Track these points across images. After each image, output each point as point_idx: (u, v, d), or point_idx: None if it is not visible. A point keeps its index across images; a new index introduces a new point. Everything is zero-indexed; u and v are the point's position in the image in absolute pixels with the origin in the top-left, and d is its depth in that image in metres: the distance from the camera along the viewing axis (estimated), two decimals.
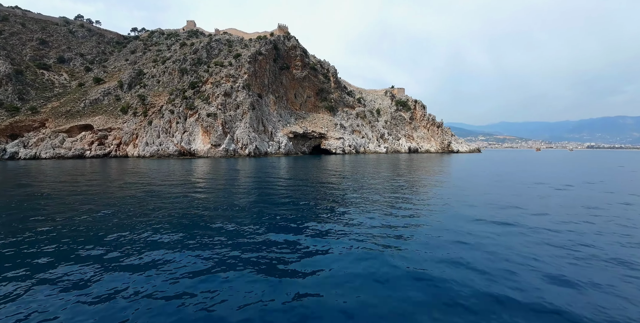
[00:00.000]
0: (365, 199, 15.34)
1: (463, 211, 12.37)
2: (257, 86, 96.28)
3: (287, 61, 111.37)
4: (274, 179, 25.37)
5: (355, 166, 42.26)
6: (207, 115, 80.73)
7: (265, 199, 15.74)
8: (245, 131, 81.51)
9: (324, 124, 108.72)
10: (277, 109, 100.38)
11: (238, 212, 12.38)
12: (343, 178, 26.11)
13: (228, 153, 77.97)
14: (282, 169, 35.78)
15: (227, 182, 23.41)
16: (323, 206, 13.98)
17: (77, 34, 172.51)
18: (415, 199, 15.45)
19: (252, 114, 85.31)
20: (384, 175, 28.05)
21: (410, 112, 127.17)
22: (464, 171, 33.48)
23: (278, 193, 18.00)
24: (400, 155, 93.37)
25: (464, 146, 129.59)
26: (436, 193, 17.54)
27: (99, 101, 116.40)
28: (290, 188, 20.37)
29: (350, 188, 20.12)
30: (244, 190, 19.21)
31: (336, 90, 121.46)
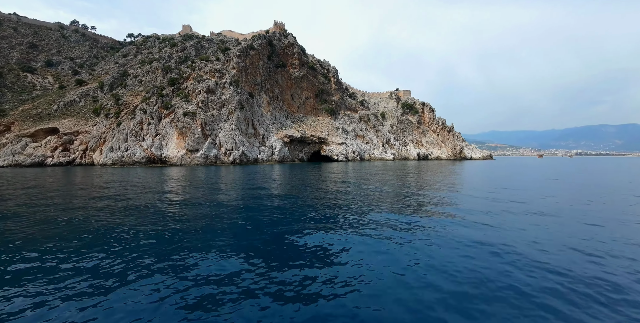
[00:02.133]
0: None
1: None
2: (247, 84, 78.84)
3: (283, 59, 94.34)
4: (257, 195, 15.71)
5: (370, 179, 27.02)
6: (184, 114, 62.89)
7: (241, 232, 8.21)
8: (230, 133, 63.53)
9: (324, 128, 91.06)
10: (271, 111, 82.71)
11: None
12: (355, 201, 14.01)
13: (208, 160, 59.83)
14: (272, 181, 24.94)
15: (185, 202, 13.58)
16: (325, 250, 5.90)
17: (69, 39, 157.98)
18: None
19: (239, 114, 67.50)
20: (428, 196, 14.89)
21: (418, 116, 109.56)
22: (537, 182, 22.31)
23: (260, 219, 9.73)
24: (409, 163, 75.61)
25: (477, 152, 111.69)
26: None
27: (75, 103, 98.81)
28: (280, 211, 11.26)
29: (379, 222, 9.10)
30: (206, 218, 10.16)
31: (337, 92, 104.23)
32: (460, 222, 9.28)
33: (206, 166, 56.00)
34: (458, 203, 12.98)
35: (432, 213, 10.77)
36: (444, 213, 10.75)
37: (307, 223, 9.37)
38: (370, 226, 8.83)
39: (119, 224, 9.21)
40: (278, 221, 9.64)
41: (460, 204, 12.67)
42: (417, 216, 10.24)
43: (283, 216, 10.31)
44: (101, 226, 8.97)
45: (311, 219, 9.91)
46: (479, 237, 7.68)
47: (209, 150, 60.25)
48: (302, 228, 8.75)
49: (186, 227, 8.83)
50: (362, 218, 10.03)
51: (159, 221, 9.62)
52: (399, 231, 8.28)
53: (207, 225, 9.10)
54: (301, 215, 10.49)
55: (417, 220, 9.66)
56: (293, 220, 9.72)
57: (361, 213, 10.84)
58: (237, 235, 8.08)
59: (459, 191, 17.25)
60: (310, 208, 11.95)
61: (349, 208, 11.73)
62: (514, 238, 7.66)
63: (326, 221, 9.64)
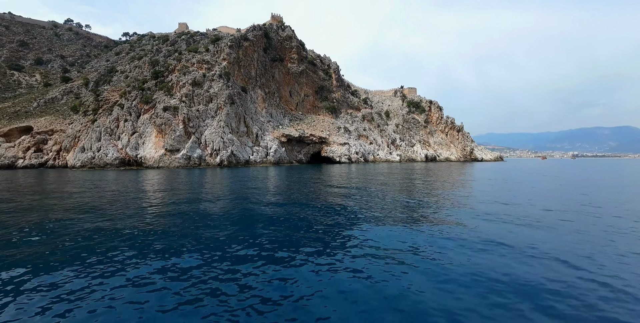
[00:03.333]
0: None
1: None
2: (240, 77, 69.30)
3: (280, 53, 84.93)
4: (244, 206, 12.08)
5: (380, 184, 20.60)
6: (164, 109, 53.30)
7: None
8: (217, 131, 53.86)
9: (324, 128, 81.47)
10: (266, 108, 73.12)
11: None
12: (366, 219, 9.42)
13: (191, 162, 50.13)
14: (263, 188, 17.82)
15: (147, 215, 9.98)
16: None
17: (62, 37, 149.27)
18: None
19: (230, 110, 57.89)
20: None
21: (425, 115, 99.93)
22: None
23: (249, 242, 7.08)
24: (417, 165, 66.09)
25: (487, 153, 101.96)
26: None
27: (56, 101, 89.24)
28: (273, 227, 8.49)
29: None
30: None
31: (338, 89, 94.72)
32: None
33: (188, 169, 46.38)
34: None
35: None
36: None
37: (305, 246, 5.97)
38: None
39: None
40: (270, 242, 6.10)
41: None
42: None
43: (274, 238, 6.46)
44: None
45: (310, 241, 6.42)
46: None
47: (192, 150, 50.55)
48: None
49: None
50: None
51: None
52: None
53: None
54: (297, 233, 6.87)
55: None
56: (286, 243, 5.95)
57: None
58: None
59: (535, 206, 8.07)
60: (308, 228, 7.61)
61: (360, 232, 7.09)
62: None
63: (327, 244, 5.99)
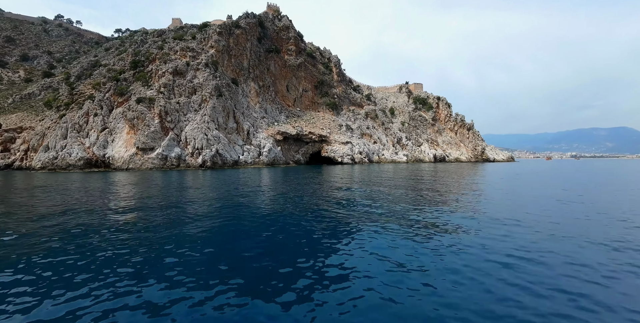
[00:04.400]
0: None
1: None
2: (230, 68, 61.05)
3: (276, 43, 76.74)
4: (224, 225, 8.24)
5: (394, 189, 15.19)
6: (138, 101, 44.99)
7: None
8: (201, 127, 45.53)
9: (325, 125, 73.27)
10: (260, 102, 64.87)
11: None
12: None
13: (167, 163, 41.77)
14: (251, 196, 13.58)
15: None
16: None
17: (51, 33, 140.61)
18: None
19: (216, 103, 49.60)
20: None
21: (432, 112, 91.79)
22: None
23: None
24: (426, 166, 58.13)
25: (499, 153, 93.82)
26: None
27: (33, 96, 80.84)
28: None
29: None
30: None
31: (340, 84, 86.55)
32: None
33: (164, 171, 38.09)
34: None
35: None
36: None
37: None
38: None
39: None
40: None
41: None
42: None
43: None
44: None
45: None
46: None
47: (169, 149, 42.22)
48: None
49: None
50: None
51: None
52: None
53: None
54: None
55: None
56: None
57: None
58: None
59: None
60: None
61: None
62: None
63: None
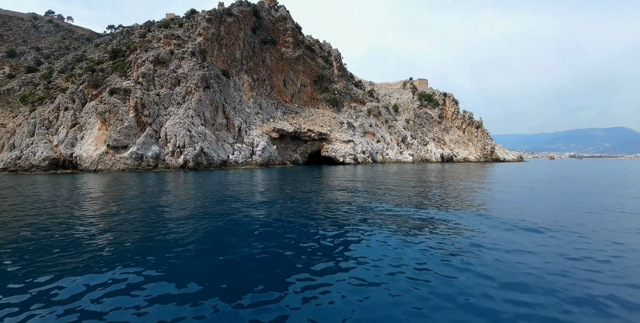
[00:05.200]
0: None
1: None
2: (221, 59, 55.01)
3: (272, 34, 70.77)
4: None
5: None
6: (111, 92, 38.86)
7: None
8: (183, 122, 39.43)
9: (325, 122, 67.35)
10: (254, 97, 58.84)
11: None
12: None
13: (143, 163, 35.65)
14: (235, 204, 10.01)
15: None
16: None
17: (41, 29, 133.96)
18: None
19: (203, 95, 43.52)
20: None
21: (438, 109, 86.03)
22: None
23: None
24: (434, 166, 52.45)
25: (509, 153, 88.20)
26: None
27: (12, 92, 74.04)
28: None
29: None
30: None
31: (340, 79, 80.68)
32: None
33: (138, 173, 31.99)
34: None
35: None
36: None
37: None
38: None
39: None
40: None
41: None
42: None
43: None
44: None
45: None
46: None
47: (145, 147, 36.09)
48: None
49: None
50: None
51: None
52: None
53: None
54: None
55: None
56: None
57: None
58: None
59: None
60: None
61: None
62: None
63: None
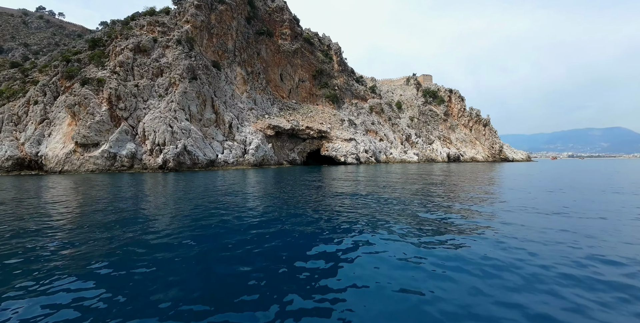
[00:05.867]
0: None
1: None
2: (212, 49, 50.26)
3: (268, 26, 66.07)
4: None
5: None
6: (83, 83, 34.04)
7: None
8: (164, 116, 34.67)
9: (324, 120, 62.69)
10: (248, 91, 54.11)
11: None
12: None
13: (117, 163, 30.85)
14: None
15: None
16: None
17: (30, 25, 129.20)
18: None
19: (189, 87, 38.77)
20: None
21: (444, 106, 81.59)
22: None
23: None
24: (441, 166, 48.02)
25: (517, 152, 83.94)
26: None
27: None
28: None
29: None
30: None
31: (341, 74, 76.07)
32: None
33: (110, 174, 27.23)
34: None
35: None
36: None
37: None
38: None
39: None
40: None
41: None
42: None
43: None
44: None
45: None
46: None
47: (119, 145, 31.30)
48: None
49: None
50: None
51: None
52: None
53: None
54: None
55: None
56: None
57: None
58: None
59: None
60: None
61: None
62: None
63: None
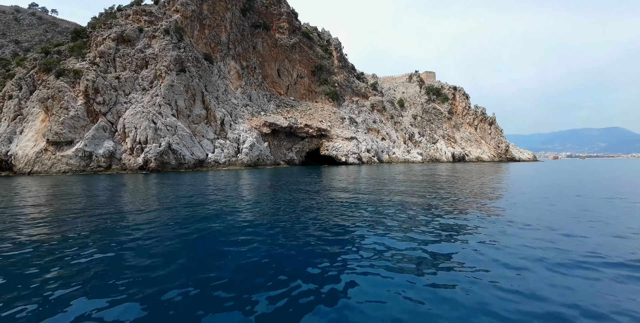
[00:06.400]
0: None
1: None
2: (203, 41, 46.90)
3: (265, 19, 62.78)
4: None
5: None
6: (58, 74, 30.66)
7: None
8: (147, 111, 31.33)
9: (324, 117, 59.47)
10: (242, 87, 50.79)
11: None
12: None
13: (93, 163, 27.48)
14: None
15: None
16: None
17: (22, 22, 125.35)
18: None
19: (176, 80, 35.45)
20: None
21: (448, 104, 78.50)
22: None
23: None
24: (447, 166, 45.00)
25: (523, 152, 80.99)
26: None
27: None
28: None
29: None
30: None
31: (341, 70, 72.86)
32: None
33: (85, 176, 23.94)
34: None
35: None
36: None
37: None
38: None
39: None
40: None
41: None
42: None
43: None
44: None
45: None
46: None
47: (95, 142, 27.96)
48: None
49: None
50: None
51: None
52: None
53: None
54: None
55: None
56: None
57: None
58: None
59: None
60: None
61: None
62: None
63: None
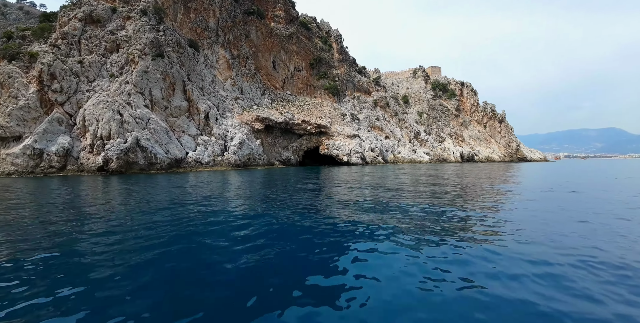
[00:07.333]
0: None
1: None
2: (188, 25, 41.78)
3: (259, 5, 57.68)
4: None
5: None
6: (10, 58, 25.47)
7: None
8: (113, 101, 26.24)
9: (324, 114, 54.49)
10: (233, 78, 45.69)
11: None
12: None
13: (43, 163, 22.30)
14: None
15: None
16: None
17: (8, 17, 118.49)
18: None
19: (151, 66, 30.35)
20: None
21: (455, 101, 73.77)
22: None
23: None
24: (458, 166, 40.29)
25: (535, 152, 76.48)
26: None
27: None
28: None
29: None
30: None
31: (342, 64, 67.90)
32: None
33: (33, 179, 18.56)
34: None
35: None
36: None
37: None
38: None
39: None
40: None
41: None
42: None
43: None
44: None
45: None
46: None
47: (48, 138, 22.86)
48: None
49: None
50: None
51: None
52: None
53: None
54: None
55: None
56: None
57: None
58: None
59: None
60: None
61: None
62: None
63: None
